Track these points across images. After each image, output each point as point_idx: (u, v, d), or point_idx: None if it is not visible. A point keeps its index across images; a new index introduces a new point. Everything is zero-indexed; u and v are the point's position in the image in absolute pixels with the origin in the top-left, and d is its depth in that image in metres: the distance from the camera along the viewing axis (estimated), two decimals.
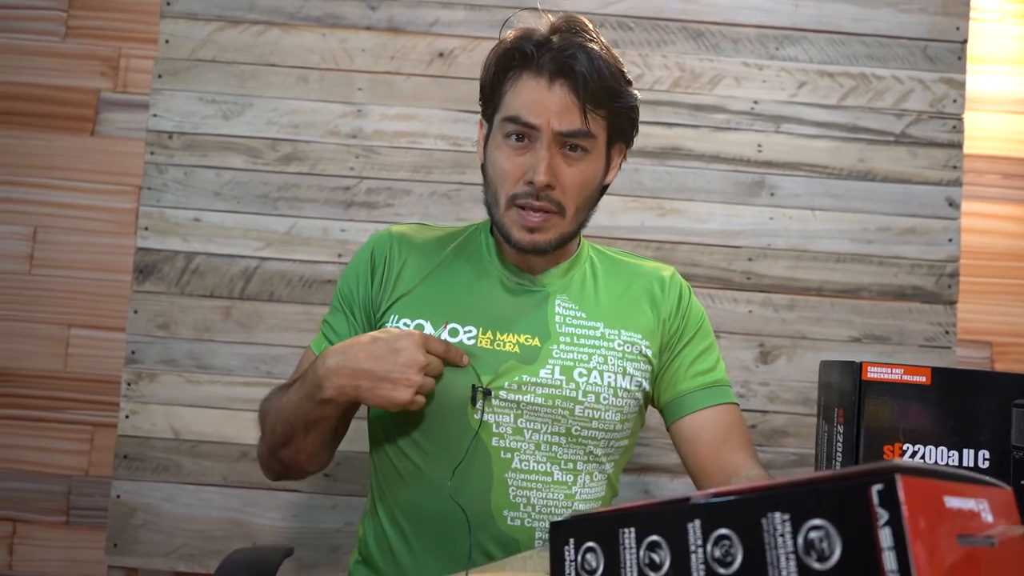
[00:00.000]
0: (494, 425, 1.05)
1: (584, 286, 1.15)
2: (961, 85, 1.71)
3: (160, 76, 1.69)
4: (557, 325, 1.10)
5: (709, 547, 0.50)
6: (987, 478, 0.51)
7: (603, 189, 1.14)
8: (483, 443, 1.05)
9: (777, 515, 0.47)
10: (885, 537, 0.42)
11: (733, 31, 1.72)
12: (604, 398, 1.08)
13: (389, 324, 1.10)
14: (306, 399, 1.03)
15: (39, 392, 1.85)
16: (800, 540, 0.45)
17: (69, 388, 1.85)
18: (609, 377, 1.08)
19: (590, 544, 0.57)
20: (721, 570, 0.49)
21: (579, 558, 0.58)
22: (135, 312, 1.66)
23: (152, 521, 1.62)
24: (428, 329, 1.08)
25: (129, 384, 1.64)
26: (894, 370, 0.86)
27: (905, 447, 0.85)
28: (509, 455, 1.06)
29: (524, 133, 1.05)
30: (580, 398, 1.07)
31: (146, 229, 1.67)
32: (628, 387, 1.10)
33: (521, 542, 1.05)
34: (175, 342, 1.65)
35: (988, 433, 0.86)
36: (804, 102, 1.71)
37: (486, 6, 1.70)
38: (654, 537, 0.53)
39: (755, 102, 1.71)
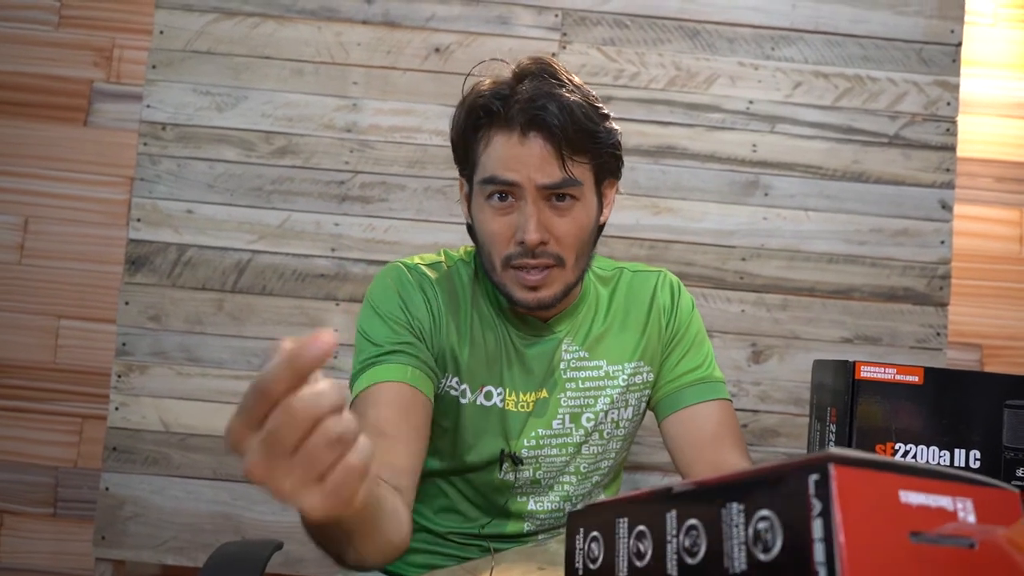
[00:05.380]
0: (515, 480, 1.07)
1: (591, 325, 1.10)
2: (955, 88, 1.72)
3: (154, 67, 1.68)
4: (563, 371, 1.07)
5: (681, 537, 0.49)
6: (989, 479, 0.48)
7: (600, 227, 1.07)
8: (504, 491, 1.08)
9: (734, 505, 0.46)
10: (817, 528, 0.40)
11: (729, 31, 1.72)
12: (607, 432, 1.09)
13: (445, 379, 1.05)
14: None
15: (28, 383, 1.84)
16: (750, 531, 0.45)
17: (59, 380, 1.84)
18: (613, 414, 1.09)
19: (594, 533, 0.57)
20: (689, 560, 0.48)
21: (586, 547, 0.58)
22: (126, 304, 1.65)
23: (141, 514, 1.62)
24: (468, 393, 1.04)
25: (119, 376, 1.63)
26: (887, 370, 0.86)
27: (897, 446, 0.86)
28: (525, 498, 1.08)
29: (506, 191, 0.97)
30: (586, 438, 1.08)
31: (138, 220, 1.66)
32: (631, 417, 1.11)
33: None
34: (166, 334, 1.64)
35: (980, 433, 0.86)
36: (799, 103, 1.71)
37: (483, 1, 1.70)
38: (641, 527, 0.53)
39: (750, 102, 1.71)
